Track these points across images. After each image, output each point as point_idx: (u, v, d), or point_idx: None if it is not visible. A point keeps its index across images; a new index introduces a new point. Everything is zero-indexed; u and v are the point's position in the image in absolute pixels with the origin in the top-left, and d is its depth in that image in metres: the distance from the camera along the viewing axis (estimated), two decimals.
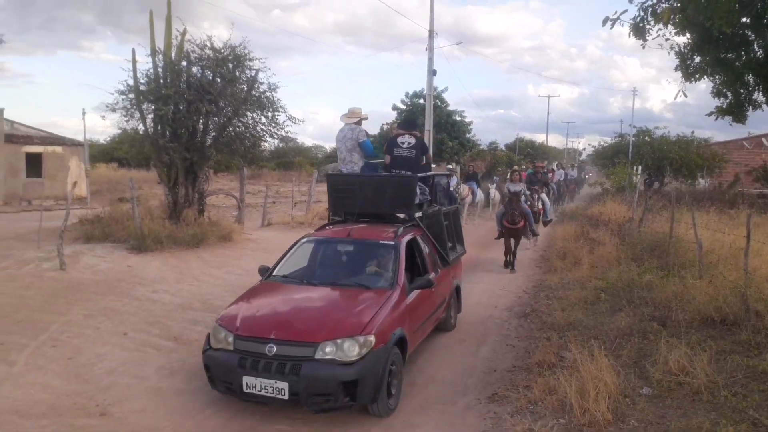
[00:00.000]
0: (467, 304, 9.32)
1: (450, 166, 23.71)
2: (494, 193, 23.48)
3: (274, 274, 6.38)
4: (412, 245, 6.62)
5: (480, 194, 22.63)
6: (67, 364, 6.27)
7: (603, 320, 7.34)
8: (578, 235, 14.08)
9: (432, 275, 6.66)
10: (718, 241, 10.17)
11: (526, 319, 8.32)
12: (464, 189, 20.80)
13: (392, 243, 6.33)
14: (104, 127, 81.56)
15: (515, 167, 18.31)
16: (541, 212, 15.12)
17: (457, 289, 8.29)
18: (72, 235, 12.28)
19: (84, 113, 33.01)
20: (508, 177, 13.13)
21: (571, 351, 5.88)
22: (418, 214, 7.25)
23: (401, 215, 7.23)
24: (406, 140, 7.68)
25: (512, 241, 12.20)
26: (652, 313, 7.19)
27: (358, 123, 7.86)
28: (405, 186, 7.13)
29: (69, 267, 10.09)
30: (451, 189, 19.43)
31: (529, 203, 13.03)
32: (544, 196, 15.86)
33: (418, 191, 7.20)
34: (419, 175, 7.39)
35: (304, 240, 6.90)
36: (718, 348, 5.73)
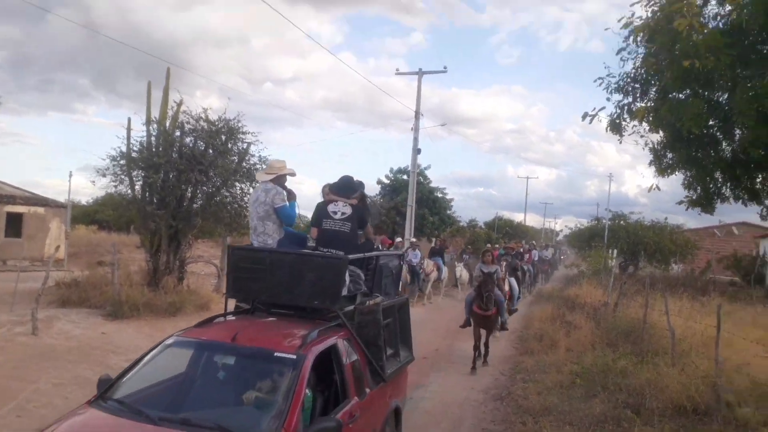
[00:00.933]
0: (446, 383, 9.30)
1: (413, 240, 21.81)
2: (461, 271, 21.91)
3: (109, 395, 4.24)
4: (330, 356, 4.70)
5: (445, 271, 21.25)
6: None
7: (578, 406, 7.39)
8: (554, 317, 14.22)
9: (353, 402, 4.68)
10: (690, 329, 10.37)
11: (502, 402, 8.33)
12: (428, 264, 19.65)
13: (292, 356, 4.26)
14: (87, 189, 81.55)
15: (488, 246, 16.49)
16: (508, 297, 13.26)
17: (397, 413, 5.99)
18: (47, 298, 12.12)
19: (71, 175, 33.33)
20: (480, 257, 11.80)
21: None
22: (347, 309, 5.38)
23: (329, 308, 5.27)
24: (340, 209, 5.87)
25: (482, 331, 10.79)
26: (626, 399, 7.27)
27: (278, 181, 5.88)
28: (330, 270, 5.22)
29: (42, 332, 9.93)
30: (415, 264, 18.14)
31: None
32: (512, 281, 14.31)
33: (347, 278, 5.34)
34: (352, 256, 5.50)
35: (171, 341, 4.74)
36: None
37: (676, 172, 7.11)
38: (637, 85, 6.76)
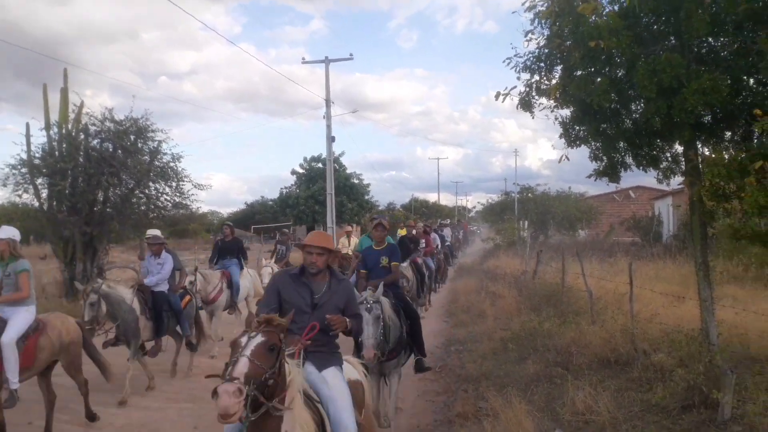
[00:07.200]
0: None
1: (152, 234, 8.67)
2: (251, 280, 11.25)
3: None
4: None
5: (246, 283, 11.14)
6: None
7: (513, 368, 7.86)
8: (479, 289, 14.86)
9: None
10: (603, 288, 11.19)
11: (441, 374, 8.69)
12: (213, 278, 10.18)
13: None
14: None
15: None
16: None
17: None
18: None
19: None
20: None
21: (488, 400, 6.30)
22: None
23: None
24: None
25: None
26: (555, 358, 7.81)
27: None
28: None
29: None
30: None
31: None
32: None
33: None
34: None
35: None
36: (616, 386, 6.38)
37: (584, 144, 7.61)
38: (542, 64, 7.16)
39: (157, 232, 8.55)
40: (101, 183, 12.40)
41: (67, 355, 6.50)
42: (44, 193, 12.62)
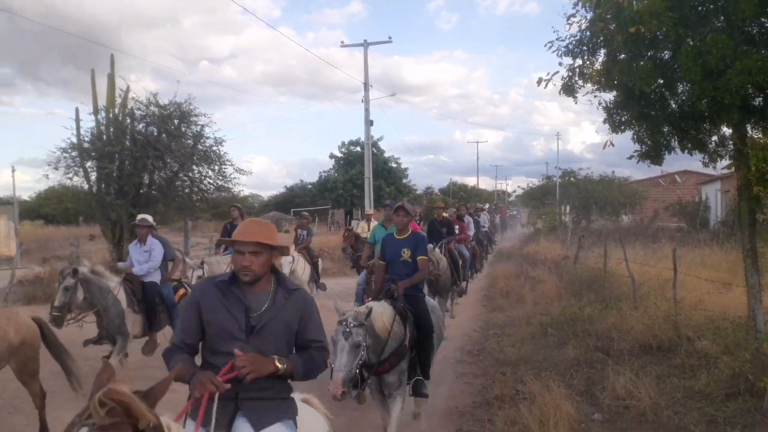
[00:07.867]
0: None
1: None
2: (295, 264, 11.11)
3: None
4: None
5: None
6: (24, 430, 6.12)
7: (552, 353, 7.82)
8: (518, 274, 14.76)
9: None
10: (646, 274, 10.98)
11: (479, 357, 8.71)
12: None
13: None
14: (26, 183, 78.65)
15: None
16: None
17: None
18: (12, 297, 11.87)
19: (13, 170, 32.44)
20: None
21: (526, 384, 6.30)
22: None
23: None
24: None
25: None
26: (596, 343, 7.74)
27: None
28: None
29: None
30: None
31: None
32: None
33: None
34: None
35: None
36: (658, 372, 6.30)
37: (628, 129, 7.47)
38: (584, 47, 7.02)
39: (147, 216, 7.83)
40: (147, 166, 12.80)
41: (17, 358, 5.35)
42: (93, 176, 13.08)
